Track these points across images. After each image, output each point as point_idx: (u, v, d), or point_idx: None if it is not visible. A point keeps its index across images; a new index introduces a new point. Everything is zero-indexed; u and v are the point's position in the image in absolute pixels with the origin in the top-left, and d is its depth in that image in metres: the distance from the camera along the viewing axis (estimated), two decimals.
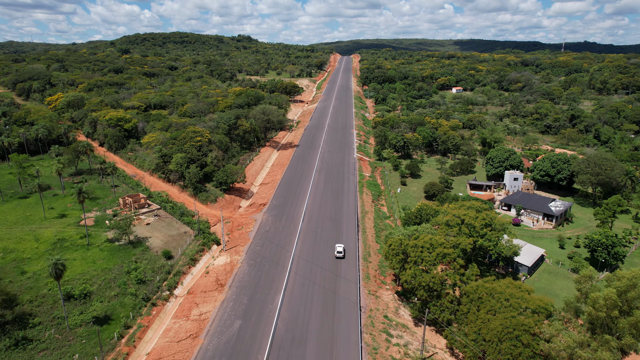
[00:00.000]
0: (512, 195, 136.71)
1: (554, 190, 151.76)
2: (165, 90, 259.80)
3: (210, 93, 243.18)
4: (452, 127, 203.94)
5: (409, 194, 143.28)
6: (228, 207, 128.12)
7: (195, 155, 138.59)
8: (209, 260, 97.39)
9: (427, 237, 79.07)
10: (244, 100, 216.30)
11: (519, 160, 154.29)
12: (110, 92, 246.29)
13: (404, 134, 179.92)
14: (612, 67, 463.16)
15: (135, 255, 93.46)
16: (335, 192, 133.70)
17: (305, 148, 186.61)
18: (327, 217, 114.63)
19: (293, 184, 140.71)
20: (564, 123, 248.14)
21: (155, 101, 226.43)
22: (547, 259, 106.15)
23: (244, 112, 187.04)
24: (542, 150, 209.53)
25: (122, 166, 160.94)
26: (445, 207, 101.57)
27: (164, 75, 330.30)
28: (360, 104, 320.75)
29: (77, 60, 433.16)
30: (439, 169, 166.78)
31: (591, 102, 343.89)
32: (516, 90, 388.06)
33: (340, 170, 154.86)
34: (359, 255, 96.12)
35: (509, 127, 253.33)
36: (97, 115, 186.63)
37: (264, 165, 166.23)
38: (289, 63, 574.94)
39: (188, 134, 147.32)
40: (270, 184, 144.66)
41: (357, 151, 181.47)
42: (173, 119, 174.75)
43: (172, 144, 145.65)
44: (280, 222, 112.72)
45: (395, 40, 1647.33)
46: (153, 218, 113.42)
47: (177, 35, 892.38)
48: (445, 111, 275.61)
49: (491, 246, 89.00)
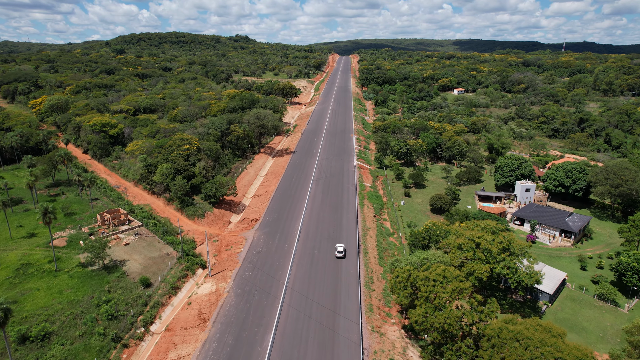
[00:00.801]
0: (525, 208, 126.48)
1: (569, 202, 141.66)
2: (156, 92, 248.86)
3: (203, 96, 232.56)
4: (456, 132, 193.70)
5: (414, 206, 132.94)
6: (217, 223, 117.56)
7: (182, 165, 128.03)
8: (193, 287, 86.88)
9: (439, 268, 68.75)
10: (237, 104, 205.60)
11: (530, 170, 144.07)
12: (99, 94, 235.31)
13: (407, 140, 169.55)
14: (615, 68, 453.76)
15: (109, 282, 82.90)
16: (333, 205, 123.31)
17: (302, 155, 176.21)
18: (324, 236, 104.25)
19: (288, 196, 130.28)
20: (572, 127, 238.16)
21: (145, 104, 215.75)
22: (569, 282, 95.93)
23: (238, 117, 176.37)
24: (551, 156, 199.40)
25: (106, 175, 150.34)
26: (456, 227, 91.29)
27: (157, 77, 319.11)
28: (359, 106, 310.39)
29: (69, 61, 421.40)
30: (445, 178, 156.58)
31: (597, 104, 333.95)
32: (519, 92, 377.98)
33: (339, 180, 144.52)
34: (360, 282, 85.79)
35: (515, 131, 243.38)
36: (82, 120, 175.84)
37: (258, 174, 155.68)
38: (286, 63, 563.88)
39: (175, 142, 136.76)
40: (264, 195, 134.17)
41: (357, 158, 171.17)
42: (161, 125, 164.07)
43: (158, 152, 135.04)
44: (273, 241, 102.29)
45: (394, 40, 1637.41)
46: (133, 237, 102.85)
47: (174, 35, 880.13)
48: (448, 114, 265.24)
49: (510, 274, 78.74)
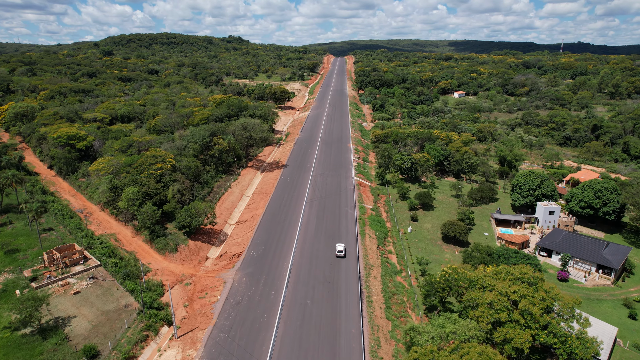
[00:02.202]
0: (551, 236, 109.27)
1: (597, 225, 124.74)
2: (137, 98, 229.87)
3: (188, 102, 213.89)
4: (464, 142, 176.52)
5: (422, 234, 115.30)
6: (192, 259, 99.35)
7: (152, 188, 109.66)
8: (153, 356, 68.72)
9: (474, 349, 51.13)
10: (224, 111, 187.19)
11: (552, 189, 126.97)
12: (74, 100, 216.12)
13: (411, 152, 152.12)
14: (618, 70, 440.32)
15: (42, 354, 64.61)
16: (330, 234, 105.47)
17: (295, 169, 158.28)
18: (319, 278, 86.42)
19: (277, 223, 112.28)
20: (586, 134, 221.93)
21: (123, 112, 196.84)
22: (619, 338, 78.71)
23: (222, 127, 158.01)
24: (567, 168, 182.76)
25: (70, 196, 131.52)
26: (482, 273, 73.77)
27: (140, 81, 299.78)
28: (356, 111, 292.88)
29: (50, 63, 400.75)
30: (455, 196, 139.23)
31: (605, 108, 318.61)
32: (523, 95, 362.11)
33: (336, 201, 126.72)
34: (364, 347, 68.04)
35: (524, 139, 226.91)
36: (47, 130, 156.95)
37: (244, 193, 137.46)
38: (280, 65, 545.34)
39: (146, 159, 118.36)
40: (249, 222, 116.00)
41: (356, 173, 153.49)
42: (135, 137, 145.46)
43: (126, 172, 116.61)
44: (257, 286, 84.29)
45: (390, 41, 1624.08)
46: (87, 282, 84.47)
47: (165, 36, 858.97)
48: (452, 120, 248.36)
49: (558, 343, 61.31)
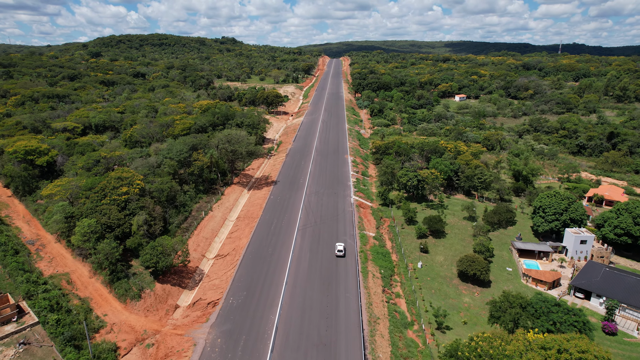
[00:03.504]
0: (587, 273, 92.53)
1: (633, 254, 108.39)
2: (116, 105, 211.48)
3: (170, 109, 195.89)
4: (473, 154, 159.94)
5: (435, 269, 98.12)
6: (157, 309, 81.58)
7: (114, 218, 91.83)
8: None
9: None
10: (208, 120, 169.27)
11: (582, 212, 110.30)
12: (45, 107, 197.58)
13: (417, 168, 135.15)
14: (622, 71, 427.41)
15: None
16: (326, 274, 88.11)
17: (286, 186, 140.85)
18: (313, 339, 68.99)
19: (263, 259, 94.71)
20: (601, 142, 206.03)
21: (97, 121, 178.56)
22: None
23: (205, 139, 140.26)
24: (585, 181, 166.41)
25: (23, 223, 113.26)
26: (522, 345, 56.73)
27: (124, 84, 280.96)
28: (353, 116, 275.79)
29: (31, 65, 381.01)
30: (468, 219, 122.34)
31: (613, 112, 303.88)
32: (527, 98, 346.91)
33: (332, 228, 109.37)
34: None
35: (534, 148, 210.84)
36: (5, 143, 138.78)
37: (227, 217, 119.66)
38: (274, 67, 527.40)
39: (110, 182, 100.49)
40: (231, 256, 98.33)
41: (355, 191, 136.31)
42: (103, 152, 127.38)
43: (86, 197, 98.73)
44: (234, 352, 66.66)
45: (385, 42, 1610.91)
46: (14, 350, 66.57)
47: (156, 37, 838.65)
48: (456, 127, 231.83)
49: None
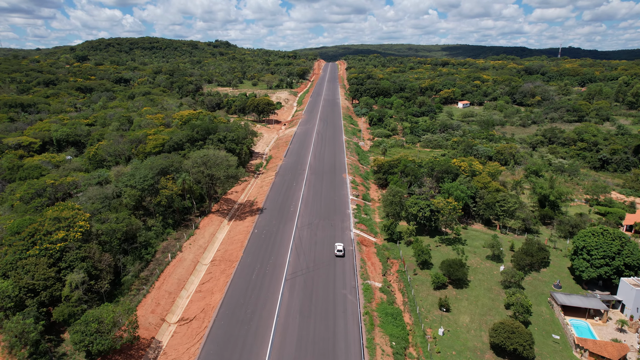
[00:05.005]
0: None
1: None
2: (85, 115, 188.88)
3: (147, 120, 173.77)
4: (490, 174, 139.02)
5: (460, 337, 76.27)
6: None
7: (40, 277, 69.53)
8: None
9: None
10: (186, 135, 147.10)
11: (638, 256, 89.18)
12: (3, 118, 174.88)
13: (429, 196, 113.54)
14: (629, 76, 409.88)
15: None
16: (321, 352, 66.29)
17: (274, 215, 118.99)
18: None
19: (239, 325, 72.62)
20: (627, 156, 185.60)
21: (60, 135, 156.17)
22: None
23: (177, 161, 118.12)
24: (618, 204, 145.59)
25: None
26: None
27: (101, 91, 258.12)
28: (351, 126, 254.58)
29: (7, 70, 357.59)
30: (492, 258, 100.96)
31: (628, 120, 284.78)
32: (534, 105, 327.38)
33: (329, 277, 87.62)
34: None
35: (552, 162, 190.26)
36: None
37: (199, 260, 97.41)
38: (267, 71, 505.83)
39: (44, 223, 78.32)
40: (198, 320, 76.10)
41: (356, 222, 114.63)
42: (50, 179, 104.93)
43: (8, 245, 76.41)
44: None
45: (382, 46, 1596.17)
46: None
47: (147, 41, 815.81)
48: (464, 138, 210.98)
49: None
